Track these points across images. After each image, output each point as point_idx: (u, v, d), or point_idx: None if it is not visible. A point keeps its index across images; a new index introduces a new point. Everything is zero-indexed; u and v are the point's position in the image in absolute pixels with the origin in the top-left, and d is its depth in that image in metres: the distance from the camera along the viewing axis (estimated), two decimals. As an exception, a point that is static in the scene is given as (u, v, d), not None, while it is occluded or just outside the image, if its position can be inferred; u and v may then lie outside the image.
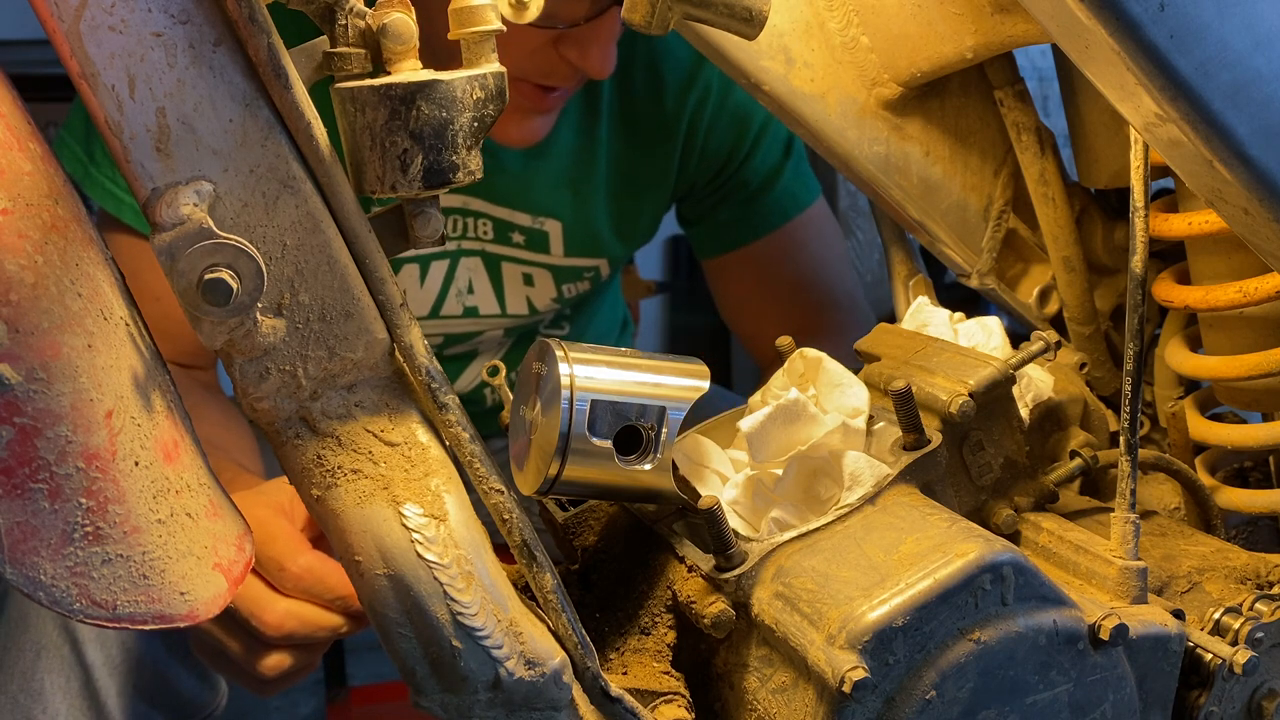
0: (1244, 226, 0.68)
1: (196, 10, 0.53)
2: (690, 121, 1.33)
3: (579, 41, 1.09)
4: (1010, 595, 0.64)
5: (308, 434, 0.60)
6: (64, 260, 0.52)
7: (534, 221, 1.32)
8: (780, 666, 0.66)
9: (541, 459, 0.66)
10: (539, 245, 1.33)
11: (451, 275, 1.32)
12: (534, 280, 1.35)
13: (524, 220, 1.31)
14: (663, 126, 1.33)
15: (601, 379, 0.66)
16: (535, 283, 1.36)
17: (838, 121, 0.94)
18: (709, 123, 1.34)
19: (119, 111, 0.53)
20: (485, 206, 1.29)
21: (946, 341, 0.84)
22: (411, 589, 0.59)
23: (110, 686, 1.02)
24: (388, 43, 0.58)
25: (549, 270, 1.35)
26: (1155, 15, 0.55)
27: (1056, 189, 0.97)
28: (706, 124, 1.34)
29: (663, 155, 1.34)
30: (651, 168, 1.35)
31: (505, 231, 1.31)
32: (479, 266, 1.33)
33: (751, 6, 0.64)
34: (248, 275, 0.55)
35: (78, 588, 0.53)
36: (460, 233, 1.30)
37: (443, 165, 0.58)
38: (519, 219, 1.31)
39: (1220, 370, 0.88)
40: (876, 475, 0.71)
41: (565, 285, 1.37)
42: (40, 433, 0.51)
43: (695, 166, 1.36)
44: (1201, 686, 0.72)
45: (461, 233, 1.30)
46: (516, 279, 1.35)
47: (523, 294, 1.36)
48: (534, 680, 0.61)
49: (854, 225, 2.54)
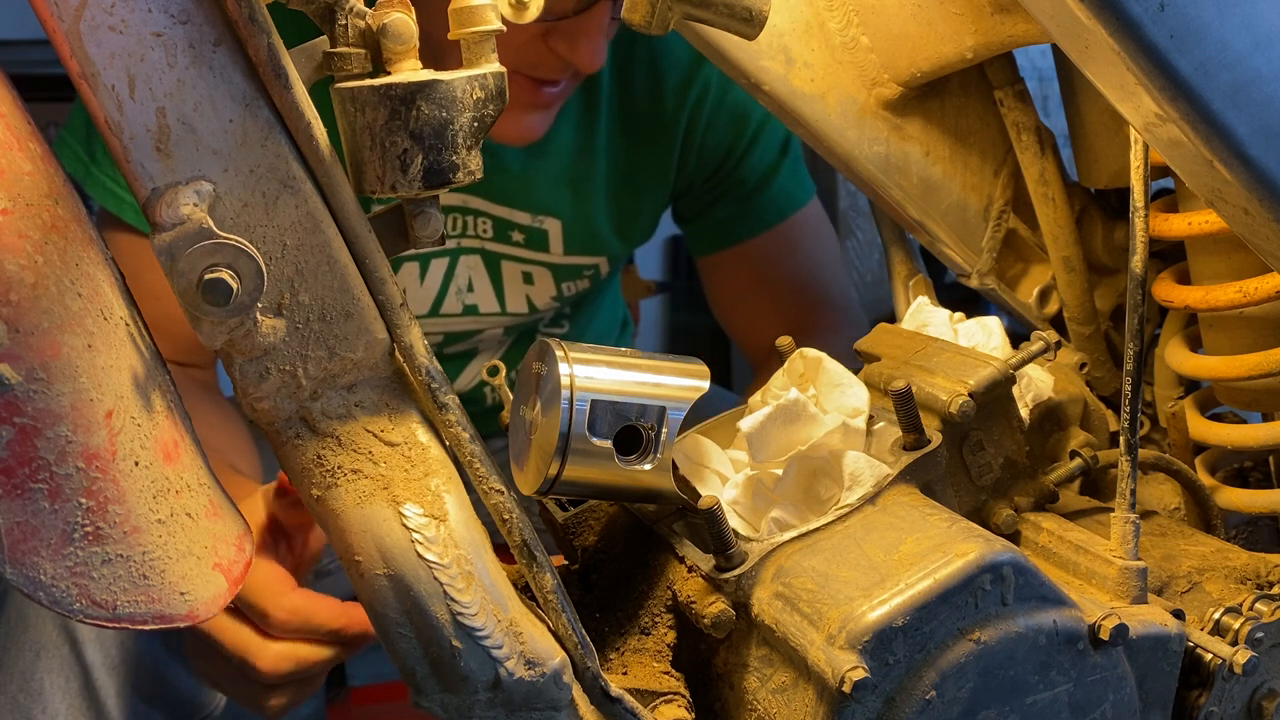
0: (1244, 226, 0.68)
1: (196, 10, 0.53)
2: (689, 119, 1.33)
3: (568, 34, 1.09)
4: (1010, 595, 0.64)
5: (308, 434, 0.60)
6: (64, 260, 0.52)
7: (534, 220, 1.32)
8: (780, 666, 0.66)
9: (541, 459, 0.66)
10: (539, 244, 1.33)
11: (451, 273, 1.32)
12: (534, 279, 1.35)
13: (523, 219, 1.31)
14: (662, 125, 1.33)
15: (601, 379, 0.66)
16: (535, 281, 1.36)
17: (838, 121, 0.94)
18: (707, 120, 1.34)
19: (119, 111, 0.53)
20: (485, 205, 1.29)
21: (946, 341, 0.84)
22: (411, 589, 0.59)
23: (109, 686, 1.02)
24: (388, 43, 0.57)
25: (548, 268, 1.35)
26: (1155, 15, 0.55)
27: (1056, 189, 0.97)
28: (705, 122, 1.34)
29: (662, 153, 1.35)
30: (651, 166, 1.35)
31: (505, 230, 1.31)
32: (479, 265, 1.33)
33: (751, 6, 0.64)
34: (248, 275, 0.55)
35: (78, 588, 0.53)
36: (460, 231, 1.30)
37: (443, 165, 0.58)
38: (518, 218, 1.31)
39: (1220, 370, 0.88)
40: (876, 475, 0.71)
41: (565, 283, 1.37)
42: (40, 433, 0.51)
43: (694, 164, 1.36)
44: (1201, 686, 0.72)
45: (461, 231, 1.30)
46: (516, 277, 1.35)
47: (522, 292, 1.36)
48: (534, 680, 0.61)
49: (854, 225, 2.53)
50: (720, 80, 1.32)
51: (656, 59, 1.31)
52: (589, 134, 1.31)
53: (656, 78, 1.31)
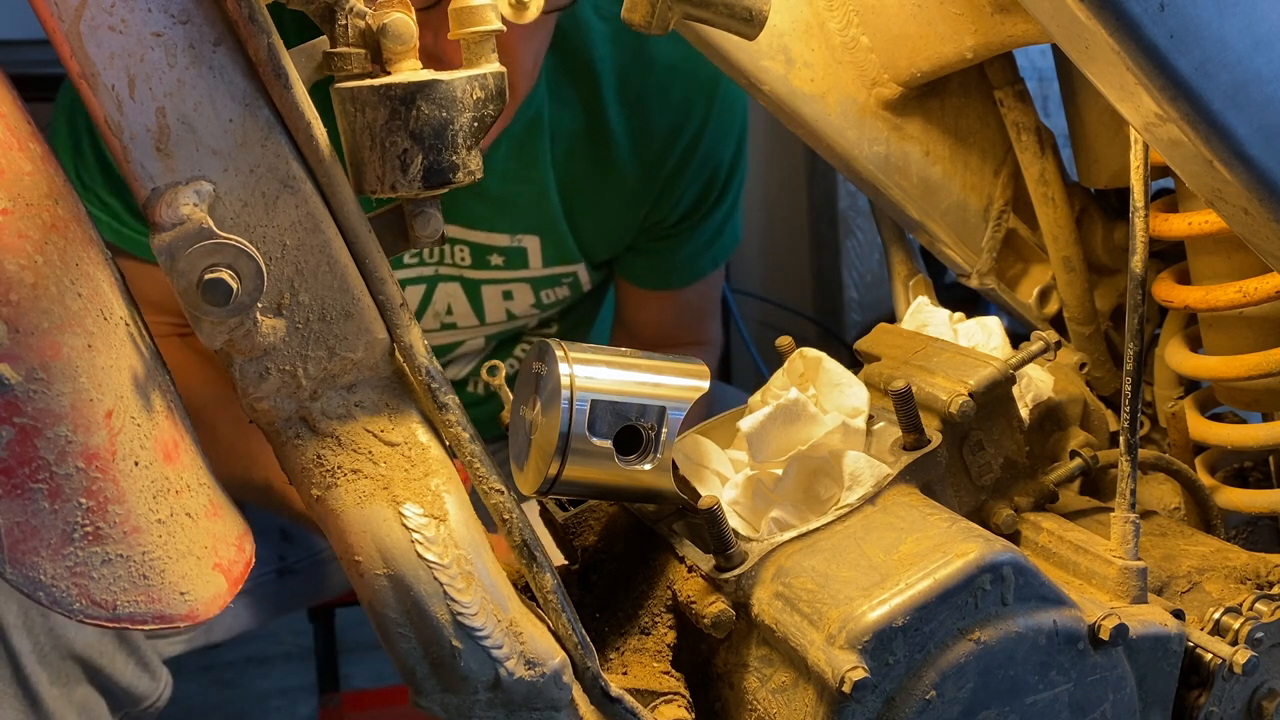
0: (1244, 226, 0.68)
1: (196, 10, 0.53)
2: (676, 164, 1.32)
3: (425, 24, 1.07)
4: (1010, 595, 0.64)
5: (308, 434, 0.60)
6: (64, 260, 0.52)
7: (513, 240, 1.30)
8: (780, 666, 0.66)
9: (541, 459, 0.66)
10: (518, 263, 1.32)
11: (429, 300, 1.31)
12: (513, 294, 1.35)
13: (502, 240, 1.30)
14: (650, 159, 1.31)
15: (601, 379, 0.66)
16: (514, 296, 1.35)
17: (838, 121, 0.94)
18: (693, 171, 1.34)
19: (119, 111, 0.53)
20: (462, 232, 1.27)
21: (946, 341, 0.84)
22: (411, 589, 0.59)
23: (41, 675, 1.02)
24: (388, 43, 0.58)
25: (527, 282, 1.35)
26: (1155, 15, 0.55)
27: (1056, 189, 0.97)
28: (690, 173, 1.34)
29: (644, 182, 1.33)
30: (624, 190, 1.34)
31: (483, 255, 1.30)
32: (458, 291, 1.32)
33: (752, 7, 0.64)
34: (248, 275, 0.55)
35: (78, 588, 0.53)
36: (438, 259, 1.28)
37: (443, 165, 0.58)
38: (497, 240, 1.29)
39: (1220, 370, 0.88)
40: (876, 475, 0.71)
41: (543, 291, 1.37)
42: (40, 433, 0.51)
43: (667, 208, 1.36)
44: (1201, 686, 0.72)
45: (439, 259, 1.28)
46: (496, 296, 1.34)
47: (502, 307, 1.35)
48: (534, 680, 0.61)
49: (854, 225, 2.53)
50: (700, 123, 1.31)
51: (651, 93, 1.29)
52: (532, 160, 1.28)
53: (645, 114, 1.30)
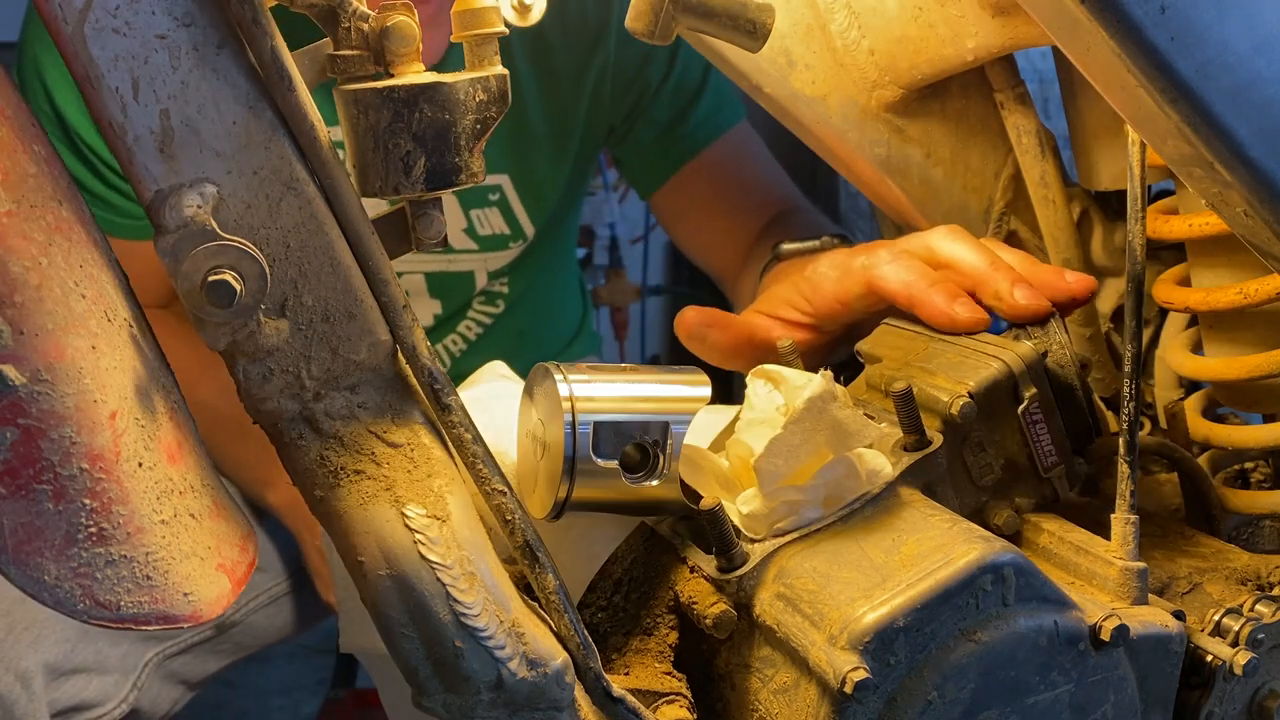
0: (1244, 229, 0.68)
1: (200, 13, 0.54)
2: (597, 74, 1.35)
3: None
4: (1011, 596, 0.64)
5: (311, 435, 0.60)
6: (68, 262, 0.52)
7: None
8: (782, 667, 0.66)
9: (549, 483, 0.66)
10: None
11: None
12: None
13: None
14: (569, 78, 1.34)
15: (602, 399, 0.66)
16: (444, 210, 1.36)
17: (839, 124, 0.95)
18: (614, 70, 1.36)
19: (123, 114, 0.53)
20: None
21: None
22: (414, 590, 0.59)
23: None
24: (391, 45, 0.58)
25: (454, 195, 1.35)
26: (1156, 18, 0.55)
27: (1057, 191, 0.97)
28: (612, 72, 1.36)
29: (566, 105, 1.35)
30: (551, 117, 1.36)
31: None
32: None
33: (756, 19, 0.65)
34: (251, 277, 0.55)
35: (81, 589, 0.53)
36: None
37: (445, 167, 0.59)
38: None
39: (1221, 372, 0.88)
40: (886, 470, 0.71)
41: (473, 212, 1.37)
42: (44, 434, 0.51)
43: (606, 109, 1.38)
44: (1202, 687, 0.73)
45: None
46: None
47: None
48: (536, 680, 0.61)
49: (854, 226, 2.54)
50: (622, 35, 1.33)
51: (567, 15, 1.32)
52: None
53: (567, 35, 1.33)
